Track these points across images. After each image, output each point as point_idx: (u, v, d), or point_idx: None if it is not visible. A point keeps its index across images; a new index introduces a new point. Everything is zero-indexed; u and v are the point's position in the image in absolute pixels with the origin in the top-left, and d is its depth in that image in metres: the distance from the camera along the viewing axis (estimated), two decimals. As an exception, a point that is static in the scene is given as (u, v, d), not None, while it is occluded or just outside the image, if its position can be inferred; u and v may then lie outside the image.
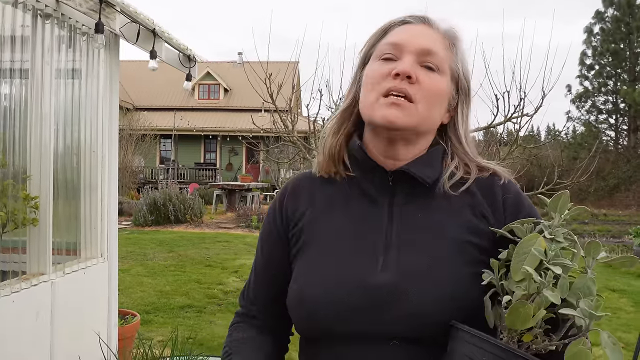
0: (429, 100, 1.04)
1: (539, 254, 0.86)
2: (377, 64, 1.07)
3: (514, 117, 5.31)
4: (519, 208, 1.06)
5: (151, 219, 14.38)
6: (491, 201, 1.06)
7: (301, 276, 1.08)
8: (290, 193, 1.18)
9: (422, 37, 1.06)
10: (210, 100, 31.61)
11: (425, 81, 1.03)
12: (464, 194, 1.07)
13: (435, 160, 1.09)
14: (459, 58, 1.10)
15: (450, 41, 1.09)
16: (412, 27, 1.08)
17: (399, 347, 0.97)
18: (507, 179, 1.10)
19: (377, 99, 1.03)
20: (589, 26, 30.30)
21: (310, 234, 1.11)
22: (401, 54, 1.05)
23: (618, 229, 16.53)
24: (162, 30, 3.81)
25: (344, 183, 1.13)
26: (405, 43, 1.05)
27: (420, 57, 1.04)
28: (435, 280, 0.98)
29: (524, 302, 0.84)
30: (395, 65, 1.03)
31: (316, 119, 5.92)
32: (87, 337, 3.37)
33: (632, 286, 8.40)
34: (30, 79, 2.98)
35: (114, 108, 3.74)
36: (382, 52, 1.07)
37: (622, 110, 29.91)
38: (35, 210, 2.96)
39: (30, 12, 2.91)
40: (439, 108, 1.07)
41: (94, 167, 3.54)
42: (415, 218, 1.05)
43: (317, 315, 1.02)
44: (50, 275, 3.02)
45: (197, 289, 7.47)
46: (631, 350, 4.61)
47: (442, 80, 1.06)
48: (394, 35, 1.08)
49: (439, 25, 1.09)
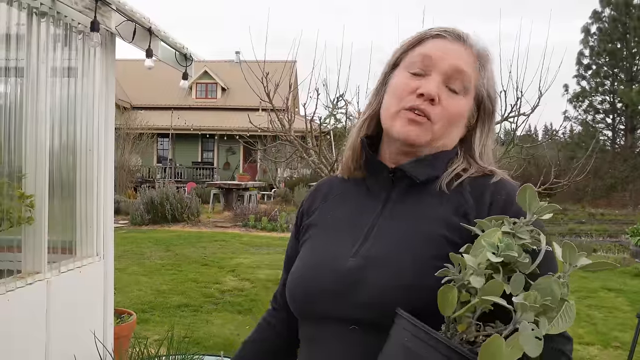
0: (447, 121, 1.08)
1: (489, 246, 0.83)
2: (405, 76, 1.10)
3: (511, 117, 5.32)
4: (505, 211, 1.01)
5: (148, 218, 14.37)
6: (478, 201, 1.05)
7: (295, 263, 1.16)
8: (312, 193, 1.27)
9: (454, 56, 1.08)
10: (207, 99, 31.58)
11: (448, 104, 1.07)
12: (454, 192, 1.07)
13: (441, 161, 1.11)
14: (487, 79, 1.12)
15: (482, 62, 1.11)
16: (447, 44, 1.10)
17: (358, 331, 1.00)
18: (506, 181, 1.09)
19: (398, 112, 1.08)
20: (586, 26, 30.36)
21: (314, 228, 1.18)
22: (430, 71, 1.07)
23: (615, 228, 16.56)
24: (158, 29, 3.81)
25: (357, 182, 1.19)
26: (436, 59, 1.07)
27: (447, 78, 1.07)
28: (397, 269, 0.99)
29: (450, 286, 0.83)
30: (422, 84, 1.07)
31: (313, 118, 5.93)
32: (82, 336, 3.36)
33: (628, 285, 8.41)
34: (26, 77, 2.97)
35: (110, 107, 3.74)
36: (412, 63, 1.10)
37: (619, 110, 29.97)
38: (30, 208, 2.95)
39: (26, 10, 2.90)
40: (456, 128, 1.11)
41: (89, 166, 3.53)
42: (402, 212, 1.08)
43: (294, 297, 1.11)
44: (46, 274, 3.02)
45: (194, 288, 7.46)
46: (627, 349, 4.62)
47: (464, 103, 1.09)
48: (428, 47, 1.10)
49: (473, 44, 1.11)
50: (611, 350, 5.33)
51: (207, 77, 31.21)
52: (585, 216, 20.52)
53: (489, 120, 1.15)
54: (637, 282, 8.74)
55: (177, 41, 4.20)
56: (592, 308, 6.99)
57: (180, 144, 29.41)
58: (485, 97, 1.12)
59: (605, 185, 25.86)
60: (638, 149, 29.24)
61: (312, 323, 1.08)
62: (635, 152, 28.67)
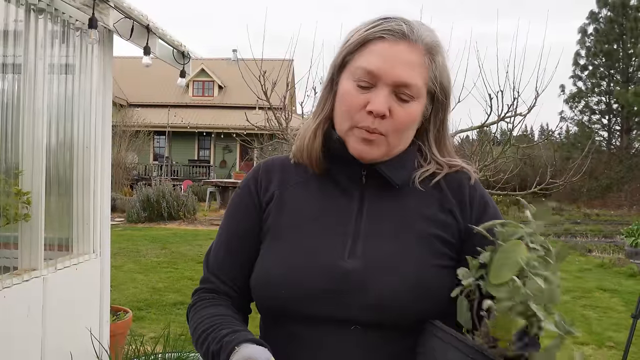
0: (400, 131, 1.06)
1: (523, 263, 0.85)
2: (352, 88, 1.06)
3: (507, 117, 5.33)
4: (485, 207, 1.10)
5: (144, 215, 14.35)
6: (459, 198, 1.10)
7: (268, 257, 1.09)
8: (264, 171, 1.19)
9: (400, 65, 1.03)
10: (204, 97, 31.52)
11: (399, 114, 1.04)
12: (432, 189, 1.10)
13: (409, 160, 1.12)
14: (438, 71, 1.08)
15: (431, 54, 1.07)
16: (391, 48, 1.04)
17: (359, 331, 1.00)
18: (475, 178, 1.13)
19: (351, 128, 1.06)
20: (583, 27, 30.42)
21: (279, 217, 1.12)
22: (377, 83, 1.04)
23: (610, 229, 16.61)
24: (156, 27, 3.81)
25: (317, 172, 1.14)
26: (381, 74, 1.03)
27: (395, 88, 1.04)
28: (400, 270, 1.00)
29: (509, 314, 0.84)
30: (370, 97, 1.03)
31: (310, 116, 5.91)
32: (78, 333, 3.36)
33: (623, 286, 8.44)
34: (23, 74, 2.97)
35: (107, 104, 3.73)
36: (358, 76, 1.05)
37: (615, 110, 30.05)
38: (27, 205, 2.95)
39: (24, 6, 2.90)
40: (411, 131, 1.10)
41: (86, 163, 3.53)
42: (384, 210, 1.08)
43: (282, 297, 1.04)
44: (42, 271, 3.01)
45: (190, 285, 7.45)
46: (621, 349, 4.64)
47: (415, 108, 1.06)
48: (371, 56, 1.04)
49: (420, 39, 1.05)
50: (605, 350, 5.35)
51: (204, 74, 31.14)
52: (581, 216, 20.58)
53: (443, 110, 1.12)
54: (631, 282, 8.77)
55: (175, 39, 4.20)
56: (587, 308, 7.02)
57: (176, 141, 29.35)
58: (438, 89, 1.09)
59: (600, 185, 25.93)
60: (634, 150, 29.31)
61: (303, 324, 1.03)
62: (631, 153, 28.74)
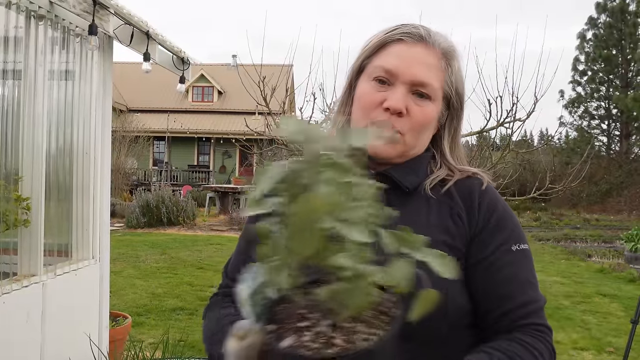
0: (417, 130, 1.07)
1: None
2: (369, 86, 1.08)
3: (507, 122, 5.34)
4: (492, 209, 1.08)
5: (144, 221, 14.34)
6: (468, 204, 1.08)
7: None
8: None
9: (417, 65, 1.05)
10: (204, 102, 31.55)
11: (416, 113, 1.05)
12: (442, 195, 1.09)
13: (421, 166, 1.12)
14: (454, 76, 1.09)
15: (447, 59, 1.08)
16: (409, 50, 1.06)
17: None
18: (488, 184, 1.12)
19: (367, 126, 1.06)
20: (582, 32, 30.49)
21: None
22: (395, 81, 1.05)
23: (610, 234, 16.60)
24: (156, 33, 3.82)
25: None
26: (399, 72, 1.05)
27: (412, 87, 1.05)
28: None
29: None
30: (387, 95, 1.05)
31: (309, 122, 5.93)
32: (78, 339, 3.36)
33: (622, 291, 8.43)
34: (23, 80, 2.97)
35: (107, 110, 3.74)
36: (376, 74, 1.07)
37: (614, 116, 30.08)
38: (26, 211, 2.95)
39: (24, 13, 2.91)
40: (428, 133, 1.10)
41: (86, 169, 3.53)
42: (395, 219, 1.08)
43: None
44: (42, 277, 3.02)
45: (189, 291, 7.44)
46: (620, 355, 4.63)
47: (433, 108, 1.07)
48: (389, 57, 1.06)
49: (437, 43, 1.07)
50: (605, 355, 5.34)
51: (204, 80, 31.18)
52: (580, 222, 20.57)
53: (457, 116, 1.14)
54: (631, 287, 8.76)
55: (175, 45, 4.21)
56: (587, 313, 7.01)
57: (176, 147, 29.36)
58: (453, 95, 1.10)
59: (600, 190, 25.94)
60: (633, 155, 29.33)
61: None
62: (630, 158, 28.75)
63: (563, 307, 7.24)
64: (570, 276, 9.63)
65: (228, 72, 28.81)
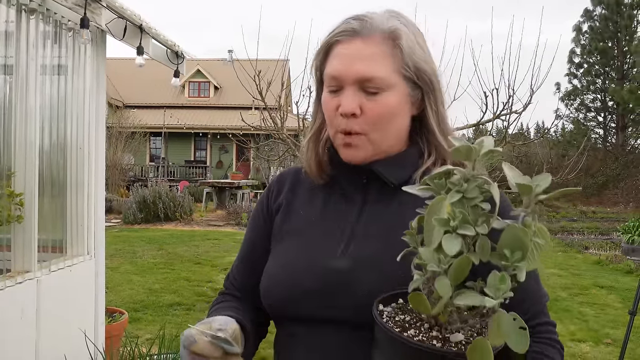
0: (379, 124, 1.05)
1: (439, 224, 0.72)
2: (327, 96, 1.08)
3: (503, 114, 5.33)
4: None
5: (141, 216, 14.33)
6: None
7: (269, 261, 1.14)
8: (276, 181, 1.24)
9: (357, 62, 1.02)
10: (200, 97, 31.50)
11: (371, 108, 1.03)
12: None
13: (409, 160, 1.10)
14: (408, 55, 1.04)
15: (394, 41, 1.03)
16: (347, 48, 1.04)
17: (347, 331, 1.00)
18: None
19: (335, 134, 1.08)
20: (578, 24, 30.44)
21: (285, 223, 1.16)
22: (343, 84, 1.04)
23: (607, 226, 16.63)
24: (149, 26, 3.79)
25: (326, 181, 1.16)
26: (342, 76, 1.04)
27: (360, 84, 1.03)
28: (386, 269, 0.98)
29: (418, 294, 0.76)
30: (339, 100, 1.05)
31: (305, 116, 5.91)
32: (73, 335, 3.34)
33: (620, 282, 8.45)
34: (15, 75, 2.94)
35: (101, 104, 3.72)
36: (328, 83, 1.08)
37: (610, 108, 30.10)
38: (20, 207, 2.93)
39: (15, 7, 2.88)
40: (395, 121, 1.07)
41: (80, 164, 3.51)
42: (381, 211, 1.08)
43: (278, 298, 1.08)
44: (36, 273, 3.00)
45: (186, 286, 7.44)
46: (618, 346, 4.64)
47: (390, 98, 1.04)
48: (333, 61, 1.06)
49: (375, 30, 1.03)
50: (603, 347, 5.35)
51: (200, 75, 31.12)
52: (577, 214, 20.61)
53: (434, 92, 1.08)
54: (628, 279, 8.78)
55: (169, 38, 4.18)
56: (584, 305, 7.02)
57: (172, 142, 29.32)
58: (414, 73, 1.05)
59: (596, 183, 25.96)
60: (629, 147, 29.39)
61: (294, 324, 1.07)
62: (627, 150, 28.81)
63: (560, 299, 7.25)
64: (567, 268, 9.65)
65: (224, 67, 28.75)
